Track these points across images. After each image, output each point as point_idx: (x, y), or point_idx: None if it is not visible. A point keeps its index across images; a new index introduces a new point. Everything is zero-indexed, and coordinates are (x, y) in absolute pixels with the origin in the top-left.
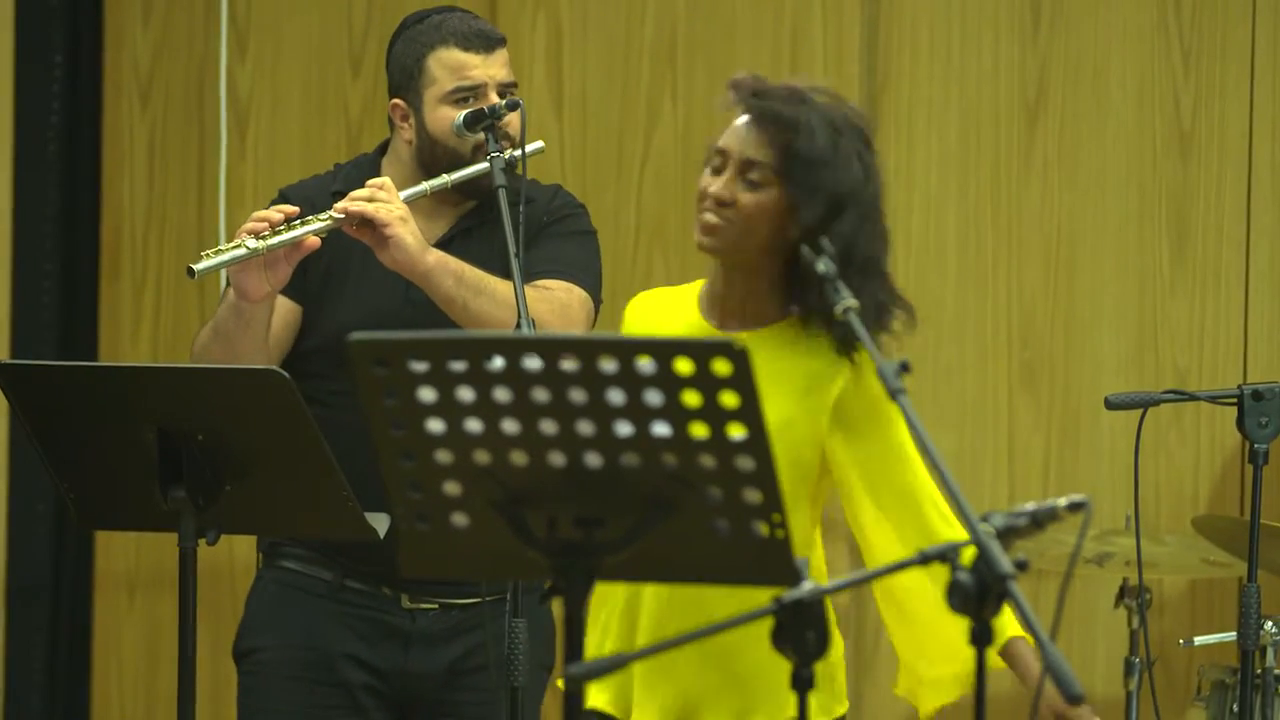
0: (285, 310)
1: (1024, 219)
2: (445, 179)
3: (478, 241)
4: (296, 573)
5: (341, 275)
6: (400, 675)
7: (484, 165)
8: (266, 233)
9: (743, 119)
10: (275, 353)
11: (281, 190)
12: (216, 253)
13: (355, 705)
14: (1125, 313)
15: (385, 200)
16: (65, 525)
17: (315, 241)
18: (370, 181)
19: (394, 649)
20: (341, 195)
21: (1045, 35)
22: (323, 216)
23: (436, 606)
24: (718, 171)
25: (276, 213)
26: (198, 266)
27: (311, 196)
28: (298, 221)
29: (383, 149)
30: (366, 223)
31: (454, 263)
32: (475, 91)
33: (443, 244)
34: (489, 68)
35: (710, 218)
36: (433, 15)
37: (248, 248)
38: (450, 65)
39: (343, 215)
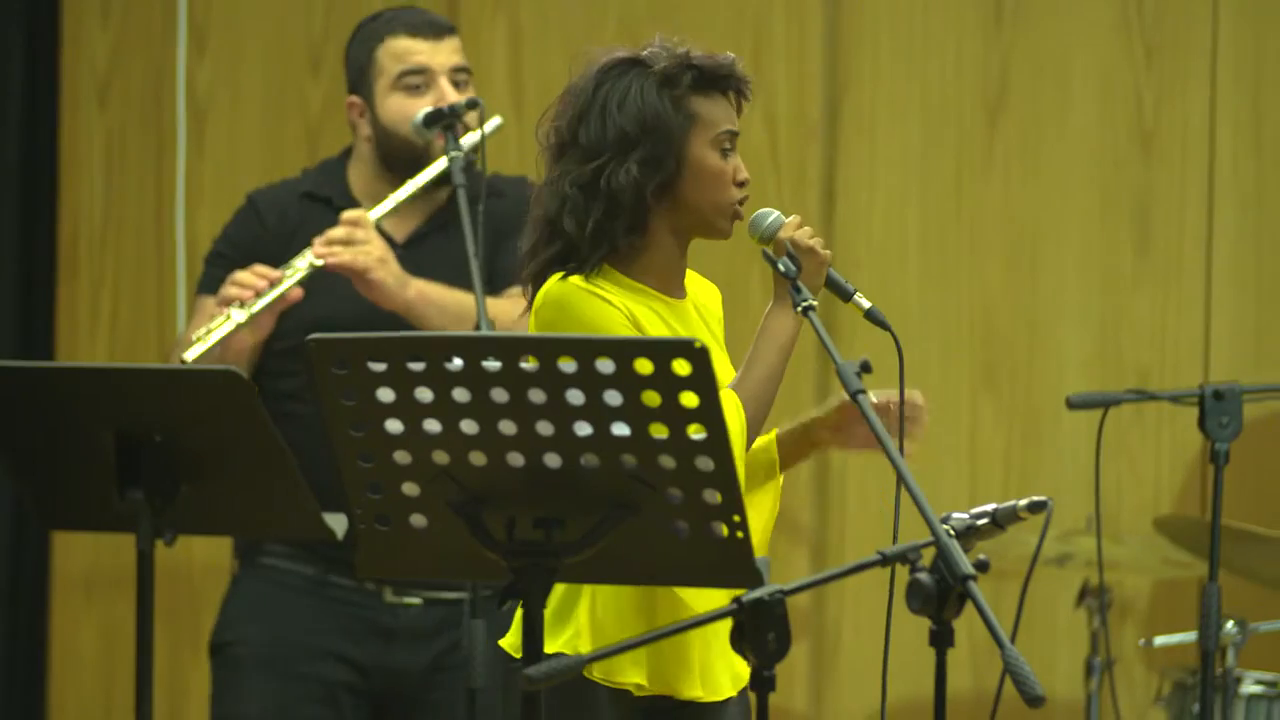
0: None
1: (986, 217)
2: (411, 188)
3: (453, 238)
4: (276, 569)
5: (315, 277)
6: (382, 671)
7: (443, 163)
8: (250, 299)
9: (727, 96)
10: (248, 368)
11: (249, 195)
12: (207, 333)
13: (331, 700)
14: (1087, 311)
15: (363, 241)
16: (23, 526)
17: (299, 293)
18: (345, 217)
19: (377, 644)
20: (311, 198)
21: (1007, 33)
22: (301, 266)
23: (420, 602)
24: (730, 153)
25: (258, 279)
26: (189, 355)
27: (281, 200)
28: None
29: (348, 152)
30: None
31: (432, 291)
32: (424, 76)
33: (417, 239)
34: (437, 54)
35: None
36: (384, 12)
37: (236, 322)
38: (396, 52)
39: (322, 264)
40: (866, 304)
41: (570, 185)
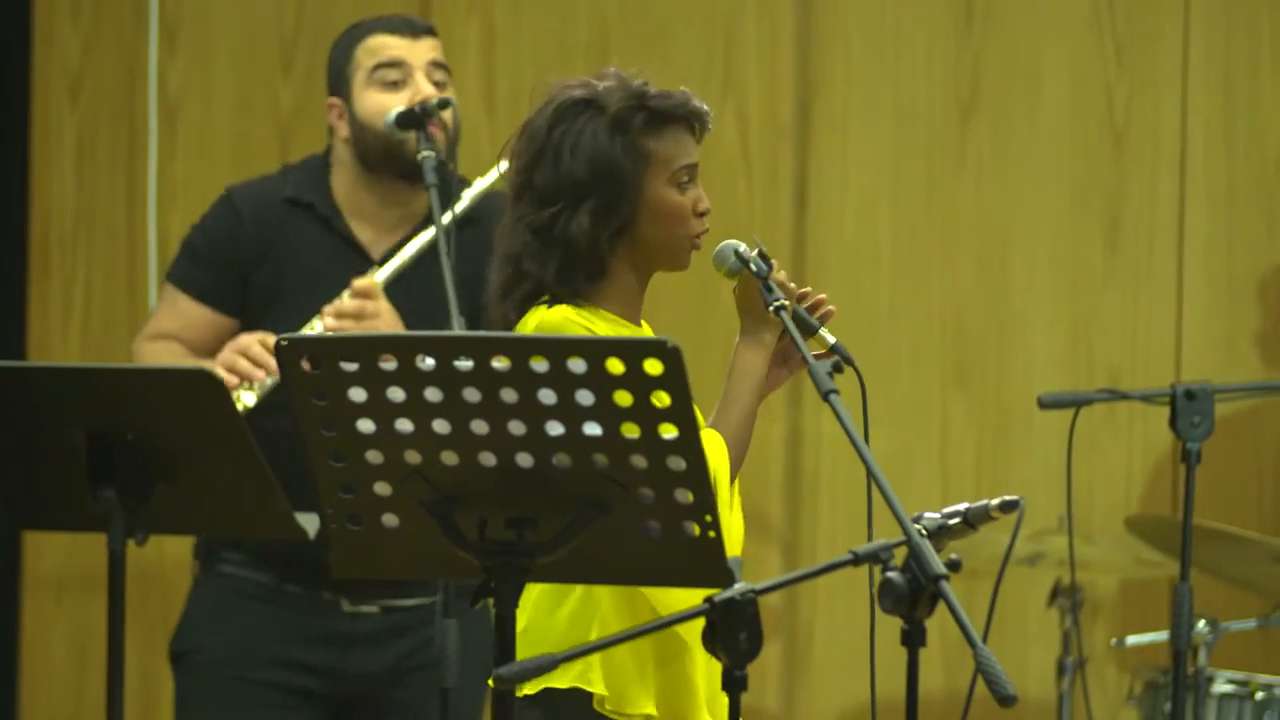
0: (220, 325)
1: (957, 217)
2: (413, 248)
3: (432, 258)
4: (234, 576)
5: (290, 284)
6: (341, 677)
7: (430, 234)
8: (262, 379)
9: (684, 129)
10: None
11: (229, 190)
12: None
13: (295, 707)
14: (1058, 311)
15: (373, 315)
16: None
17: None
18: (356, 287)
19: (334, 651)
20: (293, 203)
21: (978, 32)
22: None
23: (377, 610)
24: (689, 186)
25: (270, 355)
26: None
27: (261, 200)
28: None
29: (330, 152)
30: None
31: None
32: (400, 70)
33: (397, 250)
34: (413, 49)
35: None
36: (366, 19)
37: (246, 405)
38: (372, 48)
39: None
40: (831, 339)
41: (527, 229)
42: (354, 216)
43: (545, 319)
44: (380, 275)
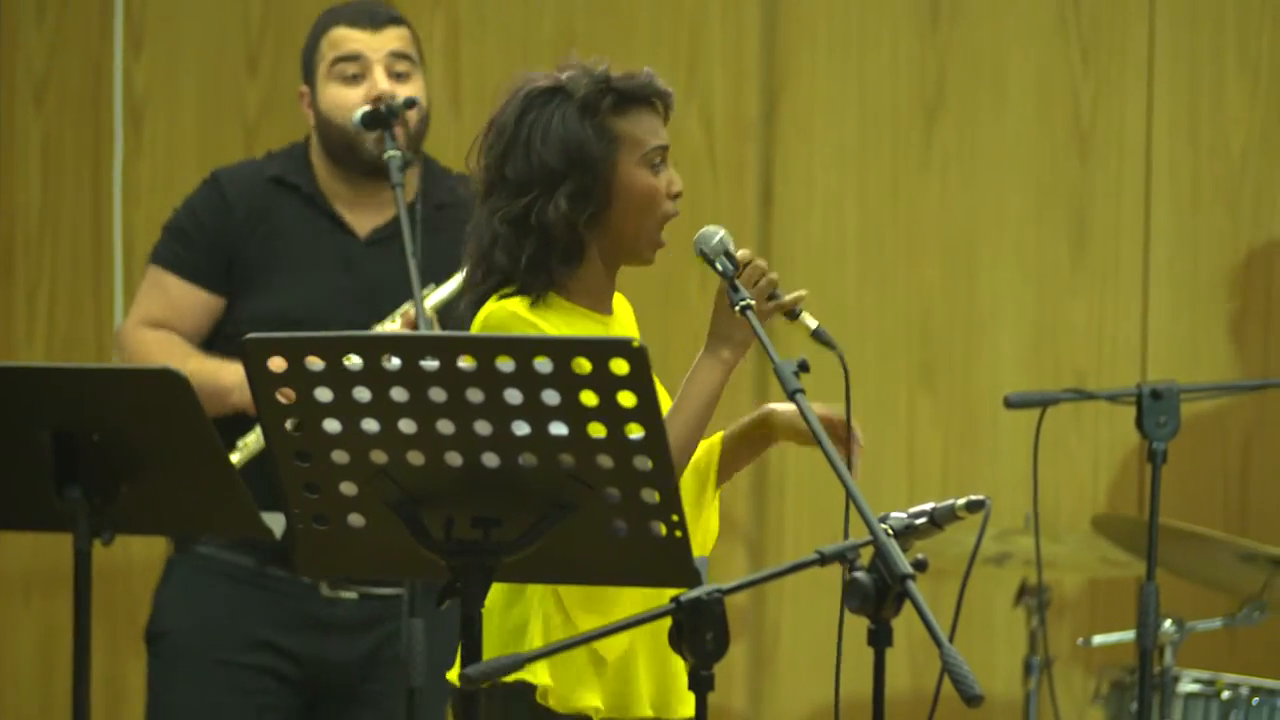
0: (209, 305)
1: (923, 217)
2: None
3: (416, 238)
4: (213, 557)
5: (277, 261)
6: (317, 663)
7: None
8: None
9: (652, 111)
10: (196, 344)
11: (215, 173)
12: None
13: (266, 691)
14: (1024, 311)
15: None
16: None
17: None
18: (406, 314)
19: (312, 637)
20: (278, 183)
21: (944, 32)
22: None
23: (356, 596)
24: (661, 168)
25: None
26: (236, 458)
27: (246, 180)
28: None
29: (310, 138)
30: None
31: None
32: (358, 64)
33: (383, 234)
34: (373, 42)
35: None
36: (338, 6)
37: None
38: (334, 40)
39: None
40: (813, 323)
41: (500, 222)
42: (336, 200)
43: (492, 315)
44: (430, 301)
